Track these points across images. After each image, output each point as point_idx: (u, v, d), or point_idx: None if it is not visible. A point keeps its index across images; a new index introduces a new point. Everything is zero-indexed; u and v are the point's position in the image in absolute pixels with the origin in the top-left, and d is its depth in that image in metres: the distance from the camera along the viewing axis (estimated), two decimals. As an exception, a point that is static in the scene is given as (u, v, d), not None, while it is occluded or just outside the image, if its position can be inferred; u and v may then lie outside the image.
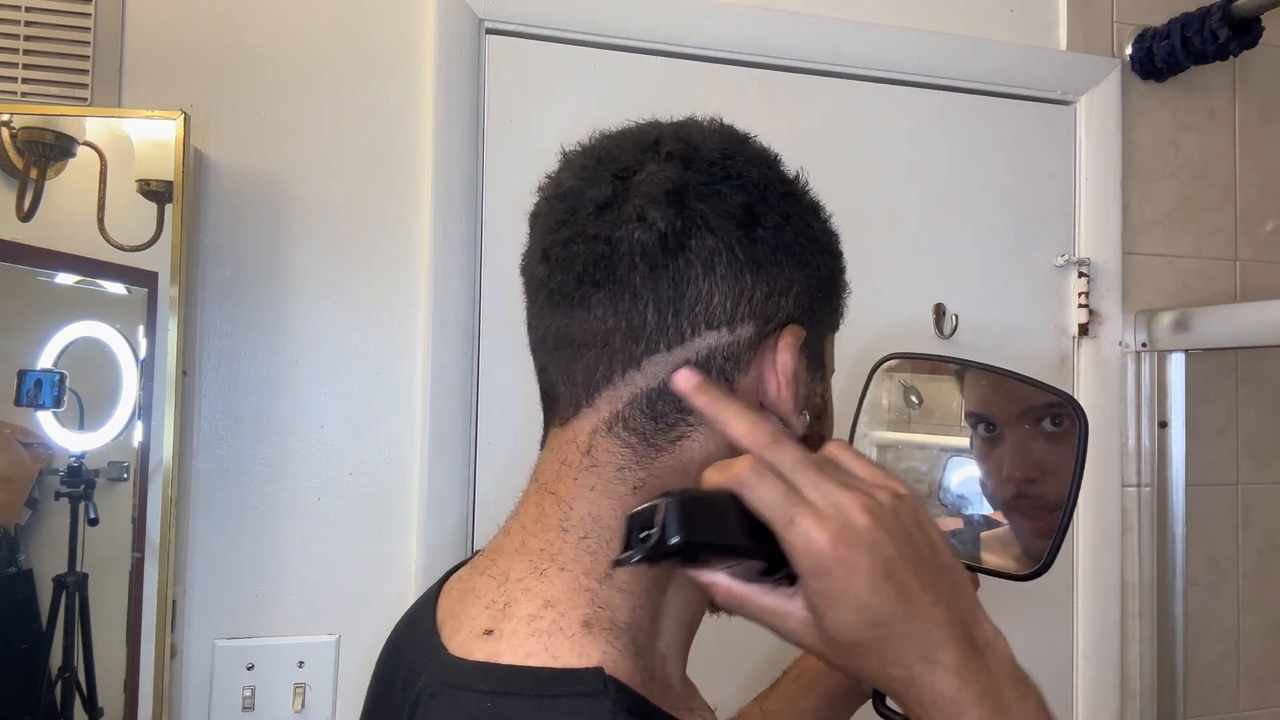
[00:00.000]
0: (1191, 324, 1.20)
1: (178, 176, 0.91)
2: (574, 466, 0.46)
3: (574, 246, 0.46)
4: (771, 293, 0.46)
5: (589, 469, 0.46)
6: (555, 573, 0.44)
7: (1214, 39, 1.21)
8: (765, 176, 0.48)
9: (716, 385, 0.45)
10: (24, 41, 0.93)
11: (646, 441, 0.45)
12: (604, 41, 1.10)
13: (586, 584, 0.44)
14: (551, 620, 0.43)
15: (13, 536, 0.89)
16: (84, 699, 0.89)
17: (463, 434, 1.02)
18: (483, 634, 0.44)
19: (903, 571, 0.42)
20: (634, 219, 0.44)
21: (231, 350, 0.99)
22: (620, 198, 0.45)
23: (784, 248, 0.47)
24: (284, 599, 0.99)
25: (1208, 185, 1.35)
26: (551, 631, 0.42)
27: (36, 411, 0.88)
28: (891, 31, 1.20)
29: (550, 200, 0.50)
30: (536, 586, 0.44)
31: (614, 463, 0.45)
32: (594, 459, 0.46)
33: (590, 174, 0.47)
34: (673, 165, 0.46)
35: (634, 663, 0.43)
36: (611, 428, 0.45)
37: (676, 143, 0.47)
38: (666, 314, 0.44)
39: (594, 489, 0.45)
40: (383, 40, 1.04)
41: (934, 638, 0.42)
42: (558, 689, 0.40)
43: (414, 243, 1.03)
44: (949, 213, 1.22)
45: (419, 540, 1.01)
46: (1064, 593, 1.25)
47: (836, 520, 0.41)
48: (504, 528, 0.49)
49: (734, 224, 0.45)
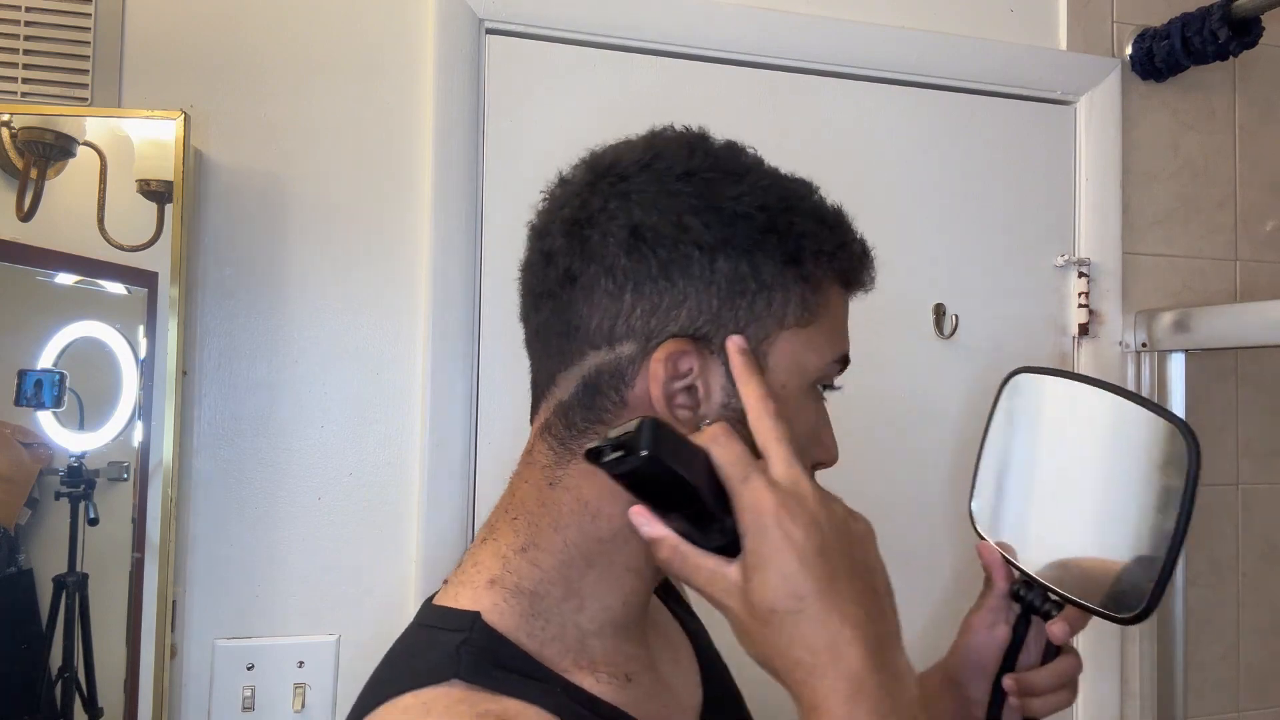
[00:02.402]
0: (1191, 324, 1.20)
1: (178, 176, 0.91)
2: (522, 462, 0.55)
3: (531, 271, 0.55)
4: (654, 309, 0.49)
5: (528, 464, 0.54)
6: (490, 543, 0.54)
7: (1214, 39, 1.21)
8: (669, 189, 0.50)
9: (754, 359, 0.49)
10: (24, 41, 0.93)
11: (564, 445, 0.52)
12: (604, 41, 1.10)
13: (504, 552, 0.52)
14: (471, 575, 0.53)
15: (13, 536, 0.89)
16: (84, 699, 0.89)
17: (463, 434, 1.02)
18: (444, 583, 0.55)
19: (835, 560, 0.45)
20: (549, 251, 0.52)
21: (231, 350, 0.99)
22: (550, 226, 0.53)
23: (675, 264, 0.49)
24: (284, 599, 0.99)
25: (1208, 185, 1.35)
26: (466, 583, 0.52)
27: (36, 411, 0.88)
28: (891, 31, 1.20)
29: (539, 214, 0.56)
30: (477, 551, 0.54)
31: (540, 461, 0.53)
32: (532, 457, 0.54)
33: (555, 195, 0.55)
34: (583, 192, 0.51)
35: (521, 620, 0.50)
36: (543, 432, 0.54)
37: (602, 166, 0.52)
38: (564, 337, 0.51)
39: (527, 481, 0.54)
40: (383, 40, 1.04)
41: (846, 634, 0.44)
42: (441, 622, 0.51)
43: (414, 243, 1.03)
44: (949, 212, 1.22)
45: (419, 540, 1.01)
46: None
47: (788, 490, 0.45)
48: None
49: (618, 247, 0.49)
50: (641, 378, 0.49)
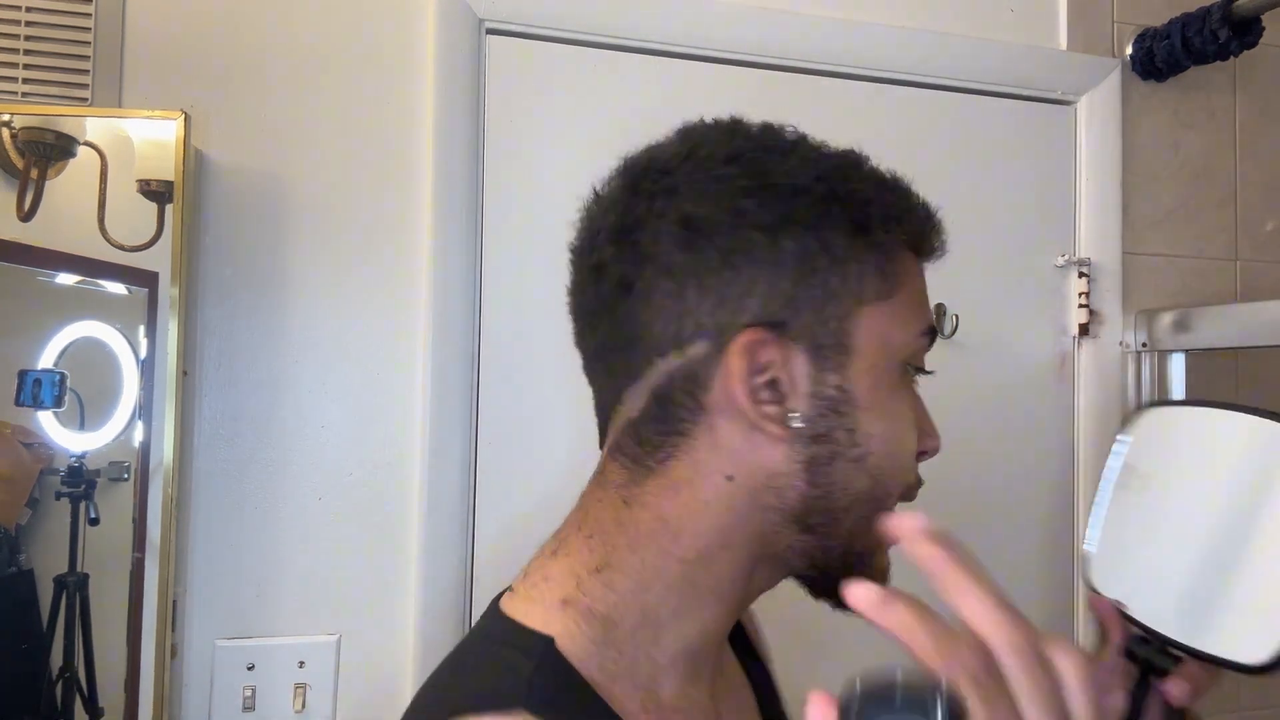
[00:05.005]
0: (1192, 324, 1.20)
1: (178, 176, 0.91)
2: (593, 483, 0.52)
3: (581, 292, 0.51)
4: (722, 302, 0.45)
5: (600, 484, 0.51)
6: (561, 557, 0.50)
7: (1214, 39, 1.21)
8: (716, 175, 0.46)
9: (893, 597, 0.35)
10: (24, 41, 0.93)
11: (638, 463, 0.49)
12: (604, 41, 1.10)
13: (578, 571, 0.49)
14: (542, 591, 0.49)
15: (13, 536, 0.89)
16: (84, 699, 0.89)
17: (463, 434, 1.02)
18: (507, 590, 0.52)
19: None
20: (598, 264, 0.48)
21: (231, 350, 0.99)
22: (594, 240, 0.49)
23: (737, 251, 0.45)
24: (284, 599, 0.99)
25: (1208, 185, 1.35)
26: (537, 599, 0.49)
27: (37, 411, 0.88)
28: (892, 31, 1.20)
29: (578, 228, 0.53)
30: (547, 565, 0.51)
31: (615, 480, 0.50)
32: (605, 476, 0.51)
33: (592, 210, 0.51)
34: (624, 198, 0.48)
35: (594, 649, 0.47)
36: (614, 451, 0.50)
37: (638, 168, 0.49)
38: (627, 351, 0.48)
39: (600, 500, 0.51)
40: (383, 40, 1.04)
41: None
42: (512, 640, 0.47)
43: (414, 243, 1.03)
44: (949, 212, 1.21)
45: (419, 540, 1.01)
46: (1064, 592, 1.25)
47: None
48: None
49: (672, 244, 0.46)
50: (719, 378, 0.45)
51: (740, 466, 0.47)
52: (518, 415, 1.04)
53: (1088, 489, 1.24)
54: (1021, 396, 1.25)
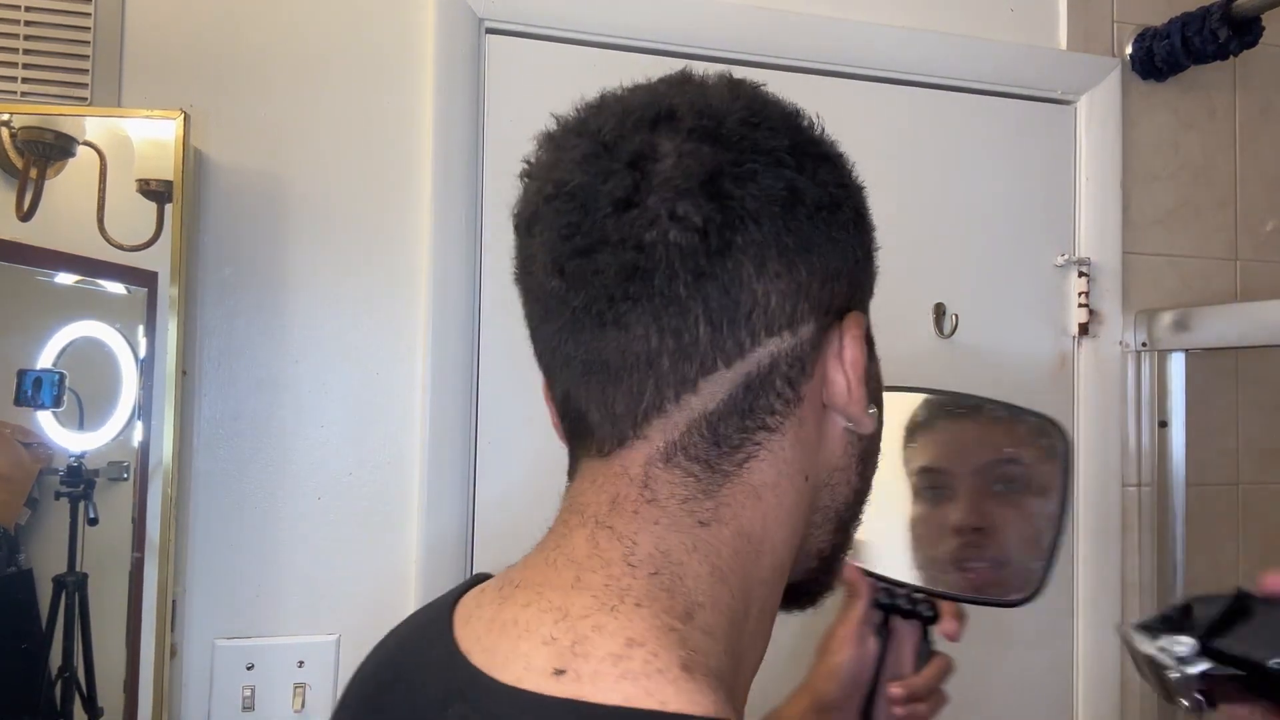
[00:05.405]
0: (1191, 324, 1.20)
1: (178, 176, 0.91)
2: (630, 500, 0.40)
3: (596, 257, 0.39)
4: (826, 279, 0.40)
5: (649, 503, 0.40)
6: (630, 609, 0.37)
7: (1214, 39, 1.21)
8: (798, 143, 0.41)
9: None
10: (24, 41, 0.93)
11: (711, 469, 0.40)
12: (604, 41, 1.10)
13: (669, 623, 0.37)
14: (644, 661, 0.36)
15: (13, 536, 0.89)
16: (84, 699, 0.89)
17: (463, 434, 1.02)
18: (552, 673, 0.36)
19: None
20: (666, 217, 0.38)
21: (231, 350, 0.99)
22: (642, 191, 0.38)
23: (835, 225, 0.41)
24: (284, 599, 0.99)
25: (1208, 185, 1.35)
26: (649, 674, 0.35)
27: (36, 411, 0.88)
28: (891, 31, 1.20)
29: (550, 200, 0.42)
30: (612, 624, 0.37)
31: (677, 495, 0.40)
32: (653, 492, 0.40)
33: (596, 164, 0.40)
34: (697, 144, 0.39)
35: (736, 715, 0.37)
36: (670, 458, 0.40)
37: (695, 115, 0.40)
38: (721, 327, 0.38)
39: (658, 523, 0.39)
40: (383, 40, 1.04)
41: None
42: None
43: (414, 243, 1.03)
44: (949, 212, 1.22)
45: (419, 540, 1.01)
46: (1064, 592, 1.25)
47: None
48: (543, 559, 0.42)
49: (778, 207, 0.39)
50: (819, 364, 0.41)
51: (814, 465, 0.43)
52: (518, 415, 1.04)
53: (1087, 489, 1.24)
54: (1021, 396, 1.25)
